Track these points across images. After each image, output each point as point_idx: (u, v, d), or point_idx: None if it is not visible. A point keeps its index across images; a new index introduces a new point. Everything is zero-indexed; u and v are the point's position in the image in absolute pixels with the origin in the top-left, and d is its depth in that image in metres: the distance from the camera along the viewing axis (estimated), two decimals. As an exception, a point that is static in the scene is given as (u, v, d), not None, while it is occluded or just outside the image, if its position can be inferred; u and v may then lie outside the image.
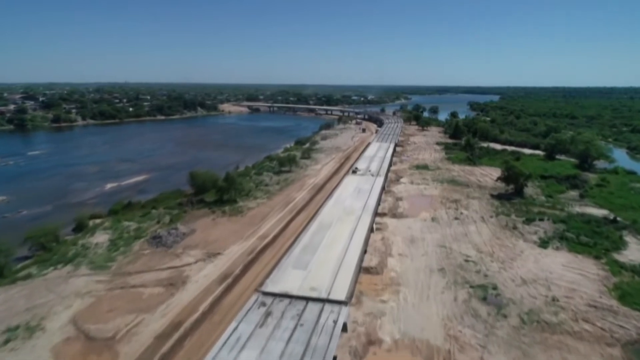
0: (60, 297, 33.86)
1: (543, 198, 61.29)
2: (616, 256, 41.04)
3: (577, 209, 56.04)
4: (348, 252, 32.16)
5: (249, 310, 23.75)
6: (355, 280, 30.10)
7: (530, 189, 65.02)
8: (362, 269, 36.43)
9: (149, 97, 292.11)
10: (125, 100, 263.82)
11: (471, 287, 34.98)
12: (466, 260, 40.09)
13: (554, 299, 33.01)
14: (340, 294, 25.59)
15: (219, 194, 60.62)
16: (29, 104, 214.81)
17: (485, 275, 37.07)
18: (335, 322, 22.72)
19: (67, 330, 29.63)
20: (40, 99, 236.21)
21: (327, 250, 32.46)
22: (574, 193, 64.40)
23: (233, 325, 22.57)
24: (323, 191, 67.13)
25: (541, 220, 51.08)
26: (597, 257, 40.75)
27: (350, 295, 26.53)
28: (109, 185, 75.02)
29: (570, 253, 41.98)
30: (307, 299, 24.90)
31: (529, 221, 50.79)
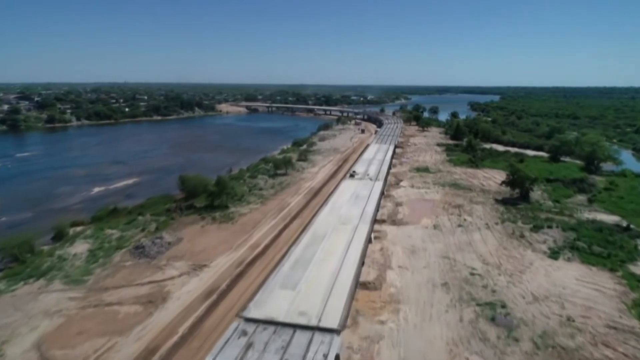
0: (27, 316, 30.86)
1: (550, 203, 58.31)
2: (632, 268, 38.09)
3: (587, 215, 53.09)
4: (343, 269, 29.14)
5: (227, 341, 20.75)
6: (351, 302, 27.12)
7: (536, 193, 62.06)
8: (359, 284, 33.48)
9: (146, 97, 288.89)
10: (121, 101, 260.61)
11: (478, 304, 31.98)
12: (471, 274, 37.10)
13: (569, 319, 30.02)
14: (332, 320, 22.58)
15: (209, 199, 57.59)
16: (24, 104, 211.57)
17: (493, 291, 34.07)
18: (325, 356, 19.73)
19: (30, 356, 26.61)
20: (35, 99, 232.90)
21: (319, 266, 29.44)
22: (581, 197, 61.49)
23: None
24: (319, 195, 64.18)
25: (550, 227, 48.13)
26: (612, 270, 37.78)
27: (344, 321, 23.51)
28: (96, 189, 71.91)
29: (583, 265, 39.01)
30: (295, 327, 21.92)
31: (536, 228, 47.83)
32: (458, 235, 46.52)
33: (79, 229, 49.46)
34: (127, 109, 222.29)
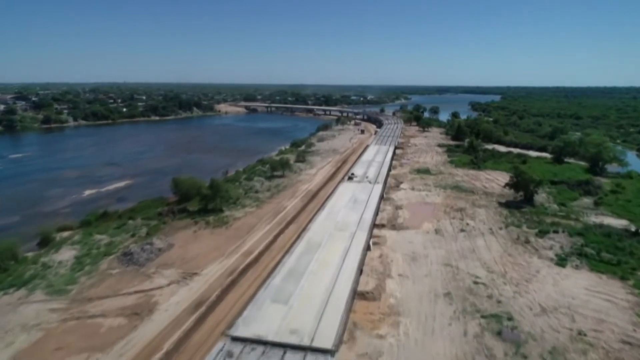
0: (3, 330, 28.99)
1: (555, 206, 56.45)
2: (644, 276, 36.23)
3: (594, 219, 51.25)
4: (339, 281, 27.28)
5: (210, 364, 18.90)
6: (347, 318, 25.25)
7: (541, 196, 60.16)
8: (356, 295, 31.63)
9: (144, 97, 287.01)
10: (119, 101, 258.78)
11: (483, 317, 30.13)
12: (475, 282, 35.24)
13: (580, 333, 28.17)
14: (327, 339, 20.74)
15: (203, 202, 55.72)
16: (20, 104, 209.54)
17: (499, 302, 32.21)
18: (318, 382, 17.89)
19: (2, 376, 24.81)
20: (32, 99, 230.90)
21: (314, 277, 27.58)
22: (587, 200, 59.60)
23: (189, 386, 17.75)
24: (317, 198, 62.32)
25: (555, 232, 46.29)
26: (623, 278, 35.94)
27: (339, 340, 21.66)
28: (87, 192, 69.98)
29: (592, 273, 37.15)
30: (285, 347, 20.07)
31: (542, 233, 45.98)
32: (460, 240, 44.69)
33: (66, 234, 47.58)
34: (124, 109, 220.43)
